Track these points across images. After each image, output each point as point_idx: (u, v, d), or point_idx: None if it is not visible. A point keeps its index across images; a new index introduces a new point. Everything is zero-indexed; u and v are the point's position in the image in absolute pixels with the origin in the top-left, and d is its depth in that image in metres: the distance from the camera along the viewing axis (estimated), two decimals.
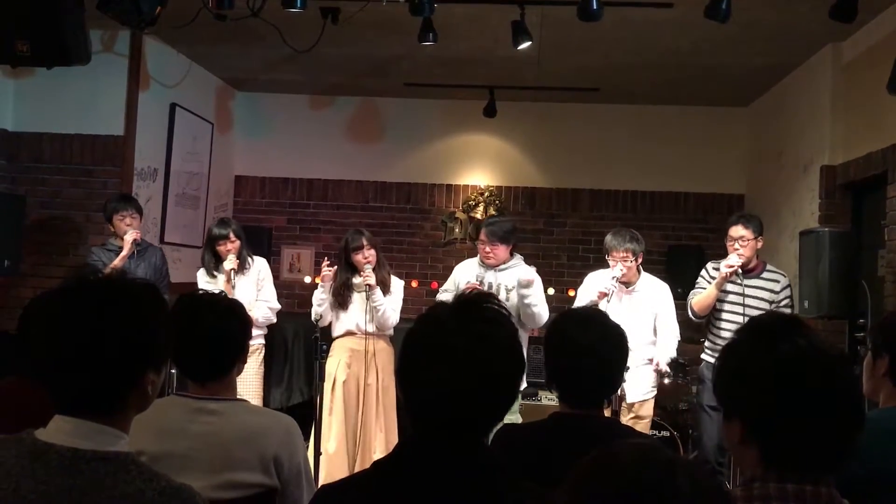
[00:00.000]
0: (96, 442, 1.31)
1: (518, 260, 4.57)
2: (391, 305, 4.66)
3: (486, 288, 4.46)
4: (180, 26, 4.79)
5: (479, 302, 1.44)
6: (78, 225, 5.49)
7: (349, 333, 4.66)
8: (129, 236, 4.69)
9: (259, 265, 4.97)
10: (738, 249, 4.40)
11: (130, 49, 5.53)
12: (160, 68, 5.89)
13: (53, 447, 1.30)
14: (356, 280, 4.63)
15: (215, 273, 4.79)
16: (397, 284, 4.81)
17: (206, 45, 5.88)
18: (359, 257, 4.60)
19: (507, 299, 4.45)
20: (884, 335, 2.19)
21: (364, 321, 4.61)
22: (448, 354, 1.36)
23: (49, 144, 5.56)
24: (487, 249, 4.46)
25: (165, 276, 4.96)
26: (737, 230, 4.42)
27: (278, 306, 5.04)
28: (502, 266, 4.52)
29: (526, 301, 4.37)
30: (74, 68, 4.18)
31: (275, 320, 5.06)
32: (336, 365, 4.61)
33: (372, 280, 4.54)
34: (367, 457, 4.53)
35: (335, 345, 4.69)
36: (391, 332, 4.75)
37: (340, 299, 4.63)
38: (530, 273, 4.50)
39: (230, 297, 4.36)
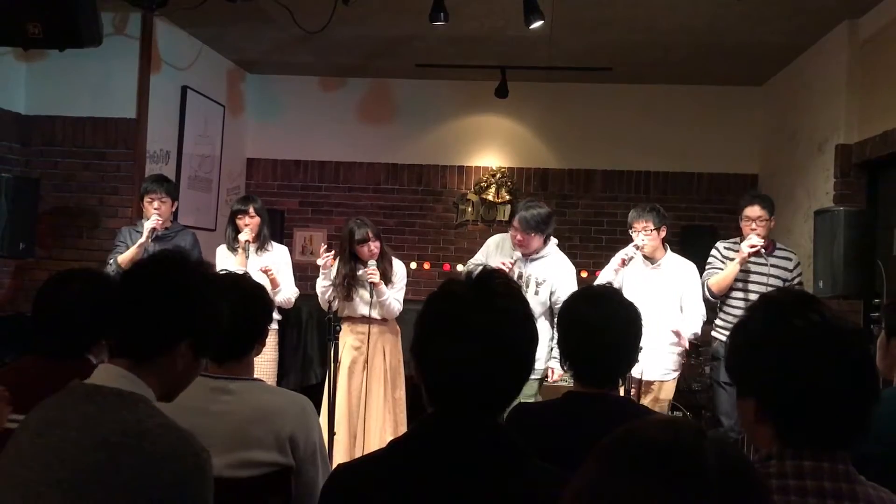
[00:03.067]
0: (119, 383, 1.51)
1: (551, 247, 4.39)
2: (395, 296, 4.61)
3: (516, 277, 4.23)
4: (191, 8, 4.80)
5: (490, 277, 1.45)
6: (91, 208, 5.52)
7: (353, 320, 4.65)
8: (150, 224, 4.53)
9: (279, 251, 4.94)
10: (755, 230, 4.38)
11: (142, 31, 5.52)
12: (171, 51, 5.89)
13: (83, 384, 1.52)
14: (361, 272, 4.53)
15: (235, 247, 4.75)
16: (399, 270, 4.70)
17: (217, 26, 5.87)
18: (364, 250, 4.49)
19: (537, 293, 4.28)
20: None
21: (369, 311, 4.56)
22: (468, 329, 1.36)
23: (62, 128, 5.58)
24: (519, 238, 4.25)
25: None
26: (753, 210, 4.40)
27: (297, 292, 5.01)
28: (535, 256, 4.33)
29: None
30: (86, 51, 4.18)
31: (292, 305, 5.03)
32: (342, 348, 4.60)
33: (376, 277, 4.44)
34: (370, 439, 4.53)
35: (343, 328, 4.68)
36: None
37: (346, 291, 4.56)
38: (550, 273, 4.30)
39: (244, 268, 4.44)
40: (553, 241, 4.42)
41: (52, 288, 2.25)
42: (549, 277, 4.31)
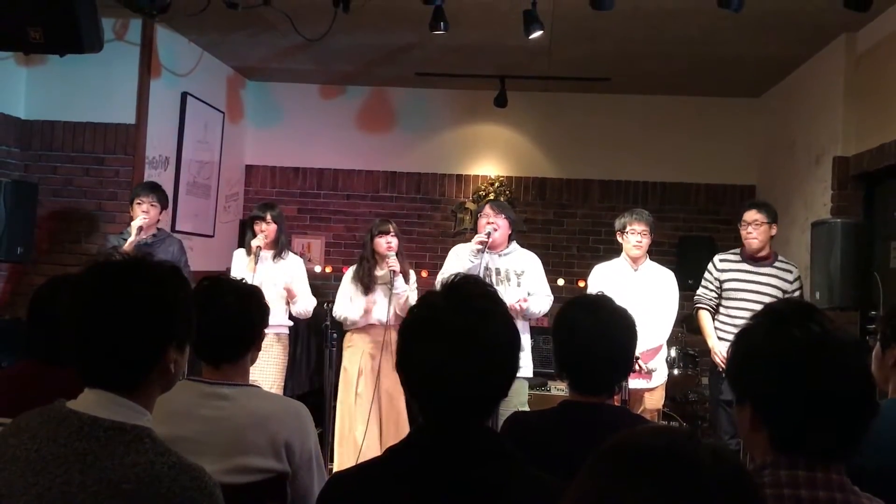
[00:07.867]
0: (117, 413, 1.38)
1: (515, 245, 4.65)
2: (412, 295, 4.70)
3: (493, 274, 4.50)
4: (192, 14, 4.81)
5: (467, 282, 1.46)
6: (90, 213, 5.52)
7: (370, 326, 4.72)
8: (136, 223, 4.63)
9: (294, 262, 5.02)
10: (751, 233, 4.41)
11: (142, 37, 5.53)
12: (172, 57, 5.90)
13: (76, 414, 1.37)
14: (379, 272, 4.68)
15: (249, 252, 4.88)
16: (414, 278, 4.89)
17: (218, 33, 5.88)
18: (382, 241, 4.67)
19: (519, 284, 4.50)
20: (892, 325, 2.18)
21: (386, 314, 4.63)
22: (448, 334, 1.36)
23: (61, 132, 5.58)
24: (492, 220, 4.50)
25: (184, 266, 4.89)
26: (750, 214, 4.50)
27: (314, 302, 5.02)
28: (504, 251, 4.56)
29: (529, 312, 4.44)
30: (86, 56, 4.19)
31: (310, 316, 5.05)
32: (359, 355, 4.66)
33: (397, 266, 4.60)
34: (374, 445, 4.56)
35: (355, 337, 4.74)
36: None
37: (365, 286, 4.69)
38: (526, 264, 4.55)
39: (252, 273, 4.50)
40: (515, 242, 4.67)
41: (48, 292, 2.25)
42: (526, 268, 4.58)
